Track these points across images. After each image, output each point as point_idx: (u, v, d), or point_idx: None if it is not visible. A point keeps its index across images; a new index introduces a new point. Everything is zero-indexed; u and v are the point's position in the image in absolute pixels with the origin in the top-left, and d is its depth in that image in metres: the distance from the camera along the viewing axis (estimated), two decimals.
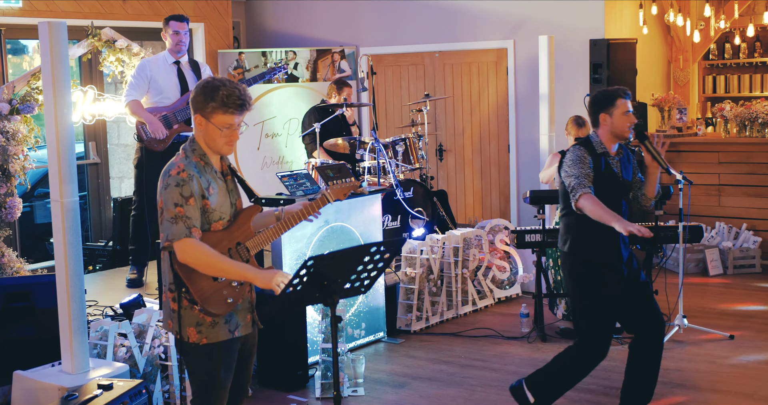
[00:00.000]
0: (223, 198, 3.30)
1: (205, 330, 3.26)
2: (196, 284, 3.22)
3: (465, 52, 8.72)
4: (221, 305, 3.26)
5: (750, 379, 5.10)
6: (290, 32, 9.57)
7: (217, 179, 3.30)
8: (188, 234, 3.15)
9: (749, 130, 7.89)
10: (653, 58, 8.94)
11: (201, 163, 3.28)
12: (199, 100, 3.23)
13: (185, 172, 3.20)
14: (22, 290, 4.79)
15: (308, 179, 5.79)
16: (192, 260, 3.16)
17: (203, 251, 3.16)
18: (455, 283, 6.50)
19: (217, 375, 3.30)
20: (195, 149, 3.30)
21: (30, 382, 4.21)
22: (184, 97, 6.24)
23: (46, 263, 7.07)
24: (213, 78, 3.30)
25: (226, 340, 3.30)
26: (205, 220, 3.25)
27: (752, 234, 7.85)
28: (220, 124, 3.23)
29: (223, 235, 3.29)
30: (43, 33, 4.10)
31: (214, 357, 3.29)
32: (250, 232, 3.37)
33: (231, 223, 3.33)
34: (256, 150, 8.50)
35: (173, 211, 3.17)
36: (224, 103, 3.21)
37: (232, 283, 3.28)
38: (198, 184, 3.21)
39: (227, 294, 3.27)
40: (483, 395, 4.97)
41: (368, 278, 3.49)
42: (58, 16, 7.26)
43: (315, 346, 5.42)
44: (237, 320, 3.34)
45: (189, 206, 3.17)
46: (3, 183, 5.81)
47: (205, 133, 3.26)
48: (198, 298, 3.22)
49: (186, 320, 3.26)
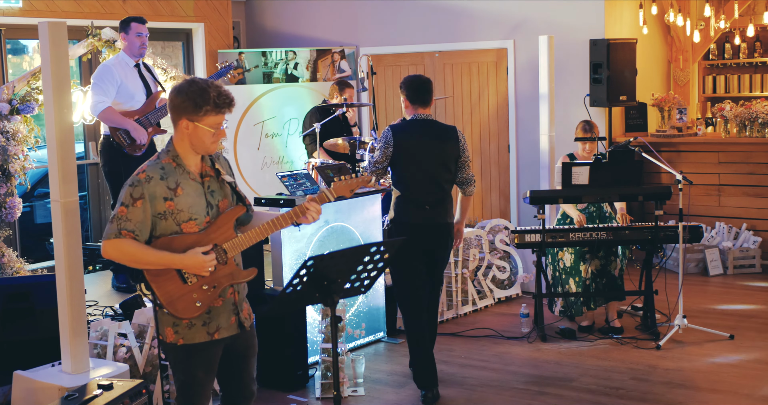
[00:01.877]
0: (196, 199, 3.25)
1: (181, 331, 3.25)
2: (163, 287, 3.19)
3: (465, 52, 8.72)
4: (189, 309, 3.21)
5: (750, 379, 5.10)
6: (290, 32, 9.57)
7: (190, 180, 3.26)
8: (117, 235, 3.14)
9: (749, 130, 7.89)
10: (653, 58, 8.94)
11: (173, 164, 3.25)
12: (188, 106, 3.18)
13: (144, 173, 3.20)
14: (22, 290, 4.79)
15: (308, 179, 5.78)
16: (116, 255, 3.15)
17: (127, 247, 3.13)
18: (455, 283, 6.50)
19: (195, 376, 3.30)
20: (169, 151, 3.28)
21: (30, 382, 4.21)
22: (149, 100, 6.14)
23: (46, 263, 7.07)
24: (189, 80, 3.25)
25: (204, 342, 3.28)
26: (173, 221, 3.21)
27: (752, 234, 7.85)
28: (211, 125, 3.21)
29: (198, 238, 3.23)
30: (43, 33, 4.09)
31: (191, 358, 3.28)
32: (230, 233, 3.30)
33: (209, 225, 3.27)
34: (256, 150, 8.49)
35: (117, 210, 3.18)
36: (217, 104, 3.19)
37: (203, 286, 3.23)
38: (158, 186, 3.18)
39: (196, 297, 3.22)
40: (483, 395, 4.97)
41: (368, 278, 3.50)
42: (58, 16, 7.25)
43: (315, 346, 5.42)
44: (218, 322, 3.30)
45: (134, 208, 3.15)
46: (3, 183, 5.81)
47: (193, 135, 3.22)
48: (164, 301, 3.19)
49: (163, 320, 3.27)
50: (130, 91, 6.08)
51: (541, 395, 4.94)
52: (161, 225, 3.20)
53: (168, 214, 3.19)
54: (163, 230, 3.20)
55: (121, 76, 6.04)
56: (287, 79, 8.81)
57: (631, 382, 5.10)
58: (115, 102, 6.04)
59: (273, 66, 8.75)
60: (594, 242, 5.80)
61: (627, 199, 5.91)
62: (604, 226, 5.84)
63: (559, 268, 6.08)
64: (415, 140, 4.91)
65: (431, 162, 4.90)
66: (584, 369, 5.34)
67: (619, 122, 8.45)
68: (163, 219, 3.19)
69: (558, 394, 4.96)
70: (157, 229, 3.20)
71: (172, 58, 8.63)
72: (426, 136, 4.93)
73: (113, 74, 6.00)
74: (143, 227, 3.16)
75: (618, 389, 4.99)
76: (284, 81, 8.80)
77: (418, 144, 4.90)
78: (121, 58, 6.15)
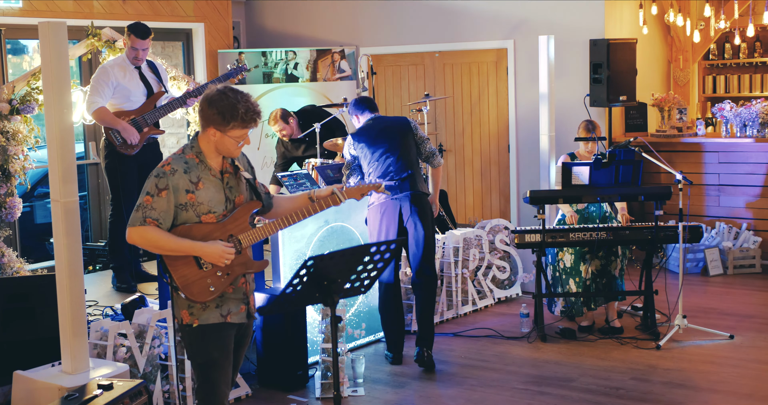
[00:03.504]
0: (216, 194, 3.42)
1: (196, 312, 3.41)
2: (179, 271, 3.36)
3: (465, 52, 8.72)
4: (203, 293, 3.37)
5: (750, 379, 5.10)
6: (290, 32, 9.58)
7: (211, 177, 3.42)
8: (142, 223, 3.31)
9: (749, 130, 7.89)
10: (653, 58, 8.94)
11: (196, 160, 3.42)
12: (216, 118, 3.34)
13: (169, 165, 3.37)
14: (22, 290, 4.79)
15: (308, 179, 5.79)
16: (140, 241, 3.34)
17: (151, 235, 3.32)
18: (455, 283, 6.50)
19: (212, 357, 3.43)
20: (194, 147, 3.44)
21: (30, 382, 4.21)
22: (149, 100, 6.15)
23: (46, 263, 7.07)
24: (221, 92, 3.35)
25: (217, 323, 3.43)
26: (194, 212, 3.38)
27: (752, 234, 7.85)
28: (237, 137, 3.38)
29: (215, 227, 3.40)
30: (43, 33, 4.09)
31: (206, 338, 3.42)
32: (245, 226, 3.47)
33: (226, 217, 3.43)
34: (256, 150, 8.49)
35: (142, 198, 3.35)
36: (244, 120, 3.35)
37: (217, 272, 3.39)
38: (182, 179, 3.34)
39: (210, 282, 3.38)
40: (483, 395, 4.97)
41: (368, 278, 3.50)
42: (58, 16, 7.25)
43: (315, 346, 5.42)
44: (230, 307, 3.46)
45: (159, 198, 3.33)
46: (3, 183, 5.81)
47: (219, 143, 3.39)
48: (179, 284, 3.35)
49: (179, 303, 3.44)
50: (127, 91, 6.07)
51: (541, 395, 4.94)
52: (182, 215, 3.37)
53: (189, 205, 3.37)
54: (184, 220, 3.38)
55: (118, 77, 6.03)
56: (287, 79, 8.81)
57: (631, 382, 5.10)
58: (112, 102, 6.04)
59: (273, 66, 8.75)
60: (594, 242, 5.80)
61: (627, 199, 5.91)
62: (604, 226, 5.84)
63: (559, 268, 6.07)
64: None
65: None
66: (584, 369, 5.34)
67: (619, 122, 8.45)
68: (185, 210, 3.37)
69: (558, 394, 4.96)
70: (179, 219, 3.38)
71: (172, 58, 8.63)
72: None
73: (108, 75, 6.01)
74: (167, 216, 3.34)
75: (618, 389, 4.99)
76: (284, 81, 8.80)
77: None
78: (121, 60, 6.17)
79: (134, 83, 6.12)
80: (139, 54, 6.06)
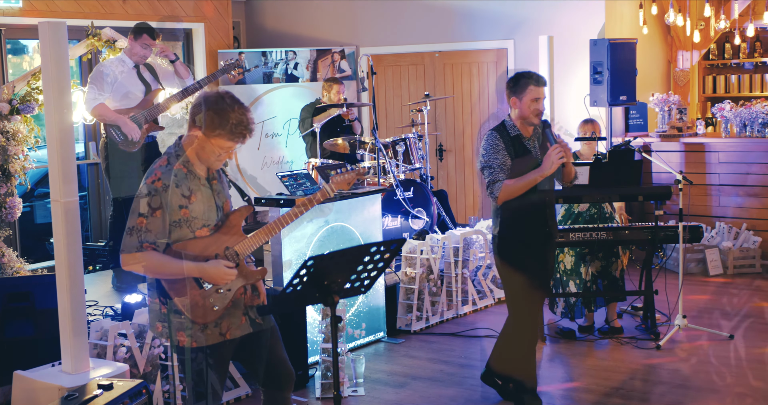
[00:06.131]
0: (207, 204, 3.28)
1: (194, 334, 3.27)
2: (180, 294, 3.23)
3: (465, 52, 8.72)
4: (207, 314, 3.27)
5: (750, 379, 5.10)
6: (290, 32, 9.58)
7: (201, 186, 3.28)
8: (139, 249, 3.15)
9: (749, 130, 7.89)
10: (653, 58, 8.94)
11: (183, 170, 3.25)
12: (205, 120, 3.18)
13: (160, 181, 3.18)
14: (22, 290, 4.79)
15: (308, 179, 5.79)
16: (137, 269, 3.17)
17: (149, 260, 3.15)
18: (455, 283, 6.50)
19: (207, 377, 3.33)
20: (179, 155, 3.27)
21: (30, 382, 4.21)
22: (147, 97, 6.14)
23: (46, 263, 7.07)
24: (219, 95, 3.21)
25: (216, 343, 3.32)
26: (189, 228, 3.23)
27: (752, 234, 7.85)
28: (220, 147, 3.23)
29: (210, 241, 3.28)
30: (43, 33, 4.09)
31: (204, 360, 3.31)
32: (240, 235, 3.35)
33: (219, 227, 3.31)
34: (256, 150, 8.50)
35: (135, 221, 3.16)
36: (232, 132, 3.19)
37: (218, 289, 3.28)
38: (174, 194, 3.17)
39: (213, 301, 3.28)
40: (483, 395, 4.97)
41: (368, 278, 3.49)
42: (58, 16, 7.25)
43: (315, 346, 5.42)
44: (229, 322, 3.35)
45: (153, 218, 3.15)
46: (3, 183, 5.81)
47: (201, 147, 3.24)
48: (182, 307, 3.23)
49: (175, 325, 3.28)
50: (125, 89, 6.10)
51: (541, 395, 4.93)
52: (176, 232, 3.22)
53: (183, 222, 3.22)
54: (177, 237, 3.23)
55: (115, 75, 6.07)
56: (287, 79, 8.81)
57: (631, 382, 5.10)
58: (109, 100, 6.07)
59: (273, 66, 8.76)
60: (594, 242, 5.80)
61: (627, 199, 5.91)
62: (604, 227, 5.84)
63: (560, 270, 6.07)
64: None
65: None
66: (584, 369, 5.34)
67: (619, 122, 8.45)
68: (178, 227, 3.22)
69: (558, 394, 4.96)
70: (172, 236, 3.22)
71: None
72: None
73: (105, 73, 6.05)
74: (162, 236, 3.18)
75: (618, 389, 4.99)
76: (284, 81, 8.80)
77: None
78: (120, 58, 6.17)
79: (132, 81, 6.13)
80: (148, 53, 6.12)
